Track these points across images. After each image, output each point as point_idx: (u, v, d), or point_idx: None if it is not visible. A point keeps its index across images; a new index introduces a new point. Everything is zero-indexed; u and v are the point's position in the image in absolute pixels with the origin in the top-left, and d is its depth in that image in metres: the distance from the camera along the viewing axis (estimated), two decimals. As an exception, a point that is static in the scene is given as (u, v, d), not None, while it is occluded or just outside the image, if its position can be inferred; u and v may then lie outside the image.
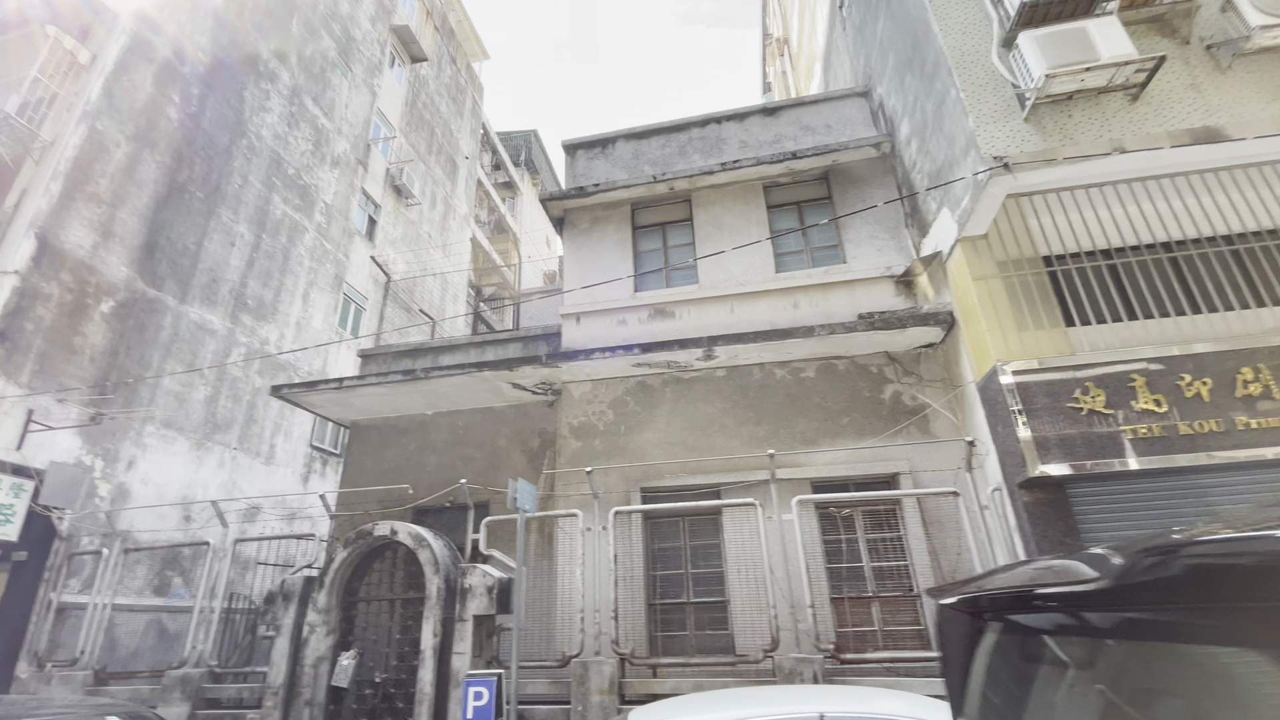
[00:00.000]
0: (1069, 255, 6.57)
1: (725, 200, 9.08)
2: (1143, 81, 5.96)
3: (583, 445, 8.12)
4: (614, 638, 6.42)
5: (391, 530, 7.11)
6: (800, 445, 7.44)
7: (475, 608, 6.57)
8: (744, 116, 9.68)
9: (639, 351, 7.66)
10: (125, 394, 9.30)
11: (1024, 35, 5.98)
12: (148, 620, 9.19)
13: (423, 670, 6.42)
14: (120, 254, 9.53)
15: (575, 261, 9.27)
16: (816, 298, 8.13)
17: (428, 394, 8.84)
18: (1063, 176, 6.19)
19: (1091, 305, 6.34)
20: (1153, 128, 5.97)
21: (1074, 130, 6.00)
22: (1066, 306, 6.39)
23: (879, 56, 8.80)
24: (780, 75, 19.40)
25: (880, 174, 8.73)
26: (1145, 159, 6.03)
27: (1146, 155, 5.96)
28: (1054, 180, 6.25)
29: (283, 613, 7.01)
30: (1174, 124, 5.84)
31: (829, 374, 7.79)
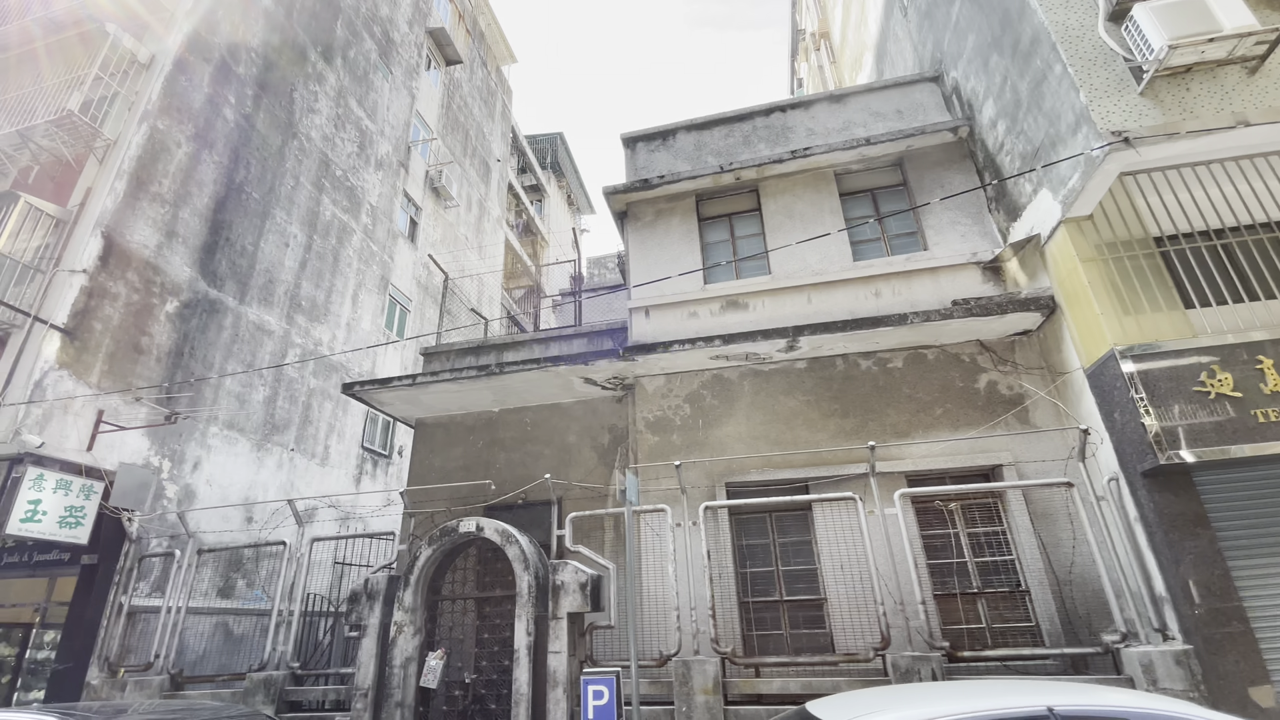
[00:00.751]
0: (1181, 235, 6.32)
1: (795, 189, 8.89)
2: (1263, 54, 5.71)
3: (660, 440, 7.93)
4: (713, 636, 6.21)
5: (477, 526, 6.94)
6: (892, 438, 7.20)
7: (569, 605, 6.38)
8: (810, 104, 9.49)
9: (720, 343, 7.46)
10: (191, 395, 9.23)
11: (1140, 7, 5.75)
12: (214, 623, 9.08)
13: (517, 670, 6.23)
14: (183, 254, 9.48)
15: (640, 255, 9.10)
16: (899, 286, 7.91)
17: (497, 390, 8.69)
18: (1176, 153, 5.95)
19: (1210, 286, 6.08)
20: (1274, 100, 5.72)
21: (1193, 104, 5.75)
22: (1182, 288, 6.13)
23: (954, 40, 8.58)
24: (816, 70, 19.20)
25: (958, 158, 8.50)
26: (1266, 133, 5.78)
27: (1269, 129, 5.72)
28: (1168, 157, 6.00)
29: (367, 612, 6.85)
30: (1305, 93, 5.59)
31: (918, 364, 7.55)
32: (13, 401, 7.21)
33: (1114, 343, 5.91)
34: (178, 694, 7.25)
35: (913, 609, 6.08)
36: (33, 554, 8.13)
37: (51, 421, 7.55)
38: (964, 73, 8.43)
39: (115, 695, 7.31)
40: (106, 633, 7.84)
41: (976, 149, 8.33)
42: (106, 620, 7.85)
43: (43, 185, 8.89)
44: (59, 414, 7.62)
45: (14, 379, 7.38)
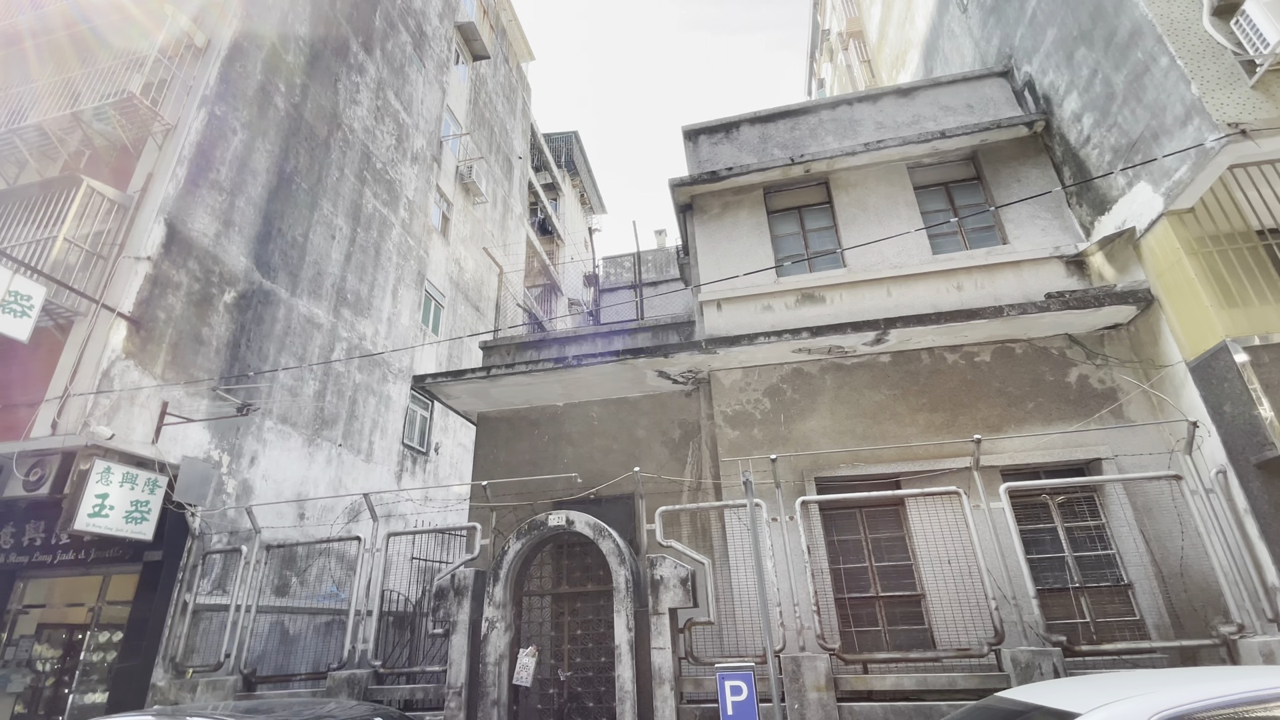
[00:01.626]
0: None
1: (868, 182, 8.83)
2: (1375, 45, 5.72)
3: (740, 435, 7.82)
4: (818, 633, 6.09)
5: (567, 520, 6.80)
6: (984, 432, 7.13)
7: (669, 600, 6.24)
8: (877, 98, 9.44)
9: (808, 335, 7.37)
10: (248, 387, 8.99)
11: (1252, 1, 5.74)
12: (270, 622, 8.84)
13: (620, 667, 6.08)
14: (240, 244, 9.25)
15: (708, 248, 9.00)
16: (981, 279, 7.86)
17: (567, 384, 8.54)
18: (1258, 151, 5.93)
19: (1320, 278, 6.06)
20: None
21: None
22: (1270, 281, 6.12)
23: (1028, 34, 8.57)
24: (843, 70, 19.23)
25: (1032, 153, 8.48)
26: (1376, 125, 5.78)
27: (1380, 121, 5.72)
28: (1273, 150, 5.99)
29: (456, 608, 6.68)
30: None
31: (1006, 358, 7.50)
32: (81, 391, 6.97)
33: (1225, 334, 5.88)
34: (251, 695, 7.03)
35: (1020, 604, 6.00)
36: (91, 551, 7.86)
37: (118, 413, 7.31)
38: (1040, 67, 8.41)
39: (185, 697, 7.07)
40: (171, 632, 7.59)
41: (1054, 143, 8.31)
42: (170, 619, 7.60)
43: (96, 170, 8.63)
44: (125, 405, 7.38)
45: (81, 369, 7.13)
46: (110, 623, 8.28)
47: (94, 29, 9.47)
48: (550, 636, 6.72)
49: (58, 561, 8.00)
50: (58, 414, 6.97)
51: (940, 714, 5.51)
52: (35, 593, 8.64)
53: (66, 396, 7.00)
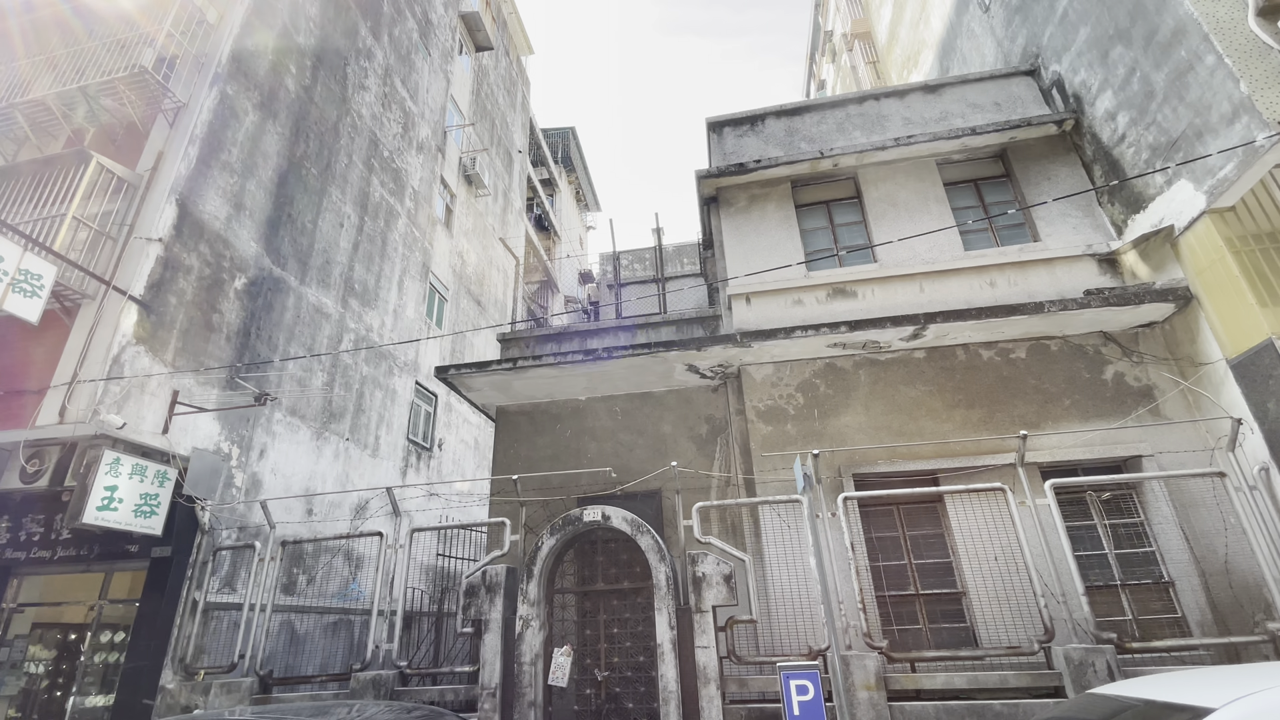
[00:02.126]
0: (1324, 227, 6.35)
1: (896, 177, 8.77)
2: None
3: (774, 430, 7.69)
4: (864, 630, 5.98)
5: (603, 515, 6.60)
6: (1022, 429, 7.08)
7: (713, 598, 6.08)
8: (904, 94, 9.40)
9: (846, 329, 7.27)
10: (258, 376, 8.65)
11: (1306, -5, 5.76)
12: (279, 622, 8.50)
13: (663, 667, 5.91)
14: (250, 228, 8.90)
15: (735, 241, 8.87)
16: (1014, 276, 7.83)
17: (593, 377, 8.35)
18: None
19: (1360, 277, 6.11)
20: None
21: None
22: (1332, 279, 6.15)
23: (1058, 33, 8.58)
24: (847, 71, 19.28)
25: (1062, 151, 8.50)
26: None
27: None
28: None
29: (488, 606, 6.45)
30: None
31: (1042, 355, 7.48)
32: (90, 378, 6.59)
33: (1271, 333, 5.89)
34: (269, 697, 6.72)
35: (1067, 601, 5.95)
36: (95, 546, 7.47)
37: (128, 401, 6.94)
38: (1070, 66, 8.42)
39: (196, 700, 6.73)
40: (180, 631, 7.24)
41: (1083, 141, 8.32)
42: (179, 618, 7.25)
43: (101, 148, 8.23)
44: (135, 394, 7.01)
45: (89, 354, 6.76)
46: (112, 622, 7.89)
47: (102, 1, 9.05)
48: (586, 635, 6.51)
49: (57, 558, 7.59)
50: (65, 401, 6.59)
51: (994, 713, 5.43)
52: (30, 590, 8.20)
53: (74, 383, 6.63)
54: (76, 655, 7.90)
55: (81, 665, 7.65)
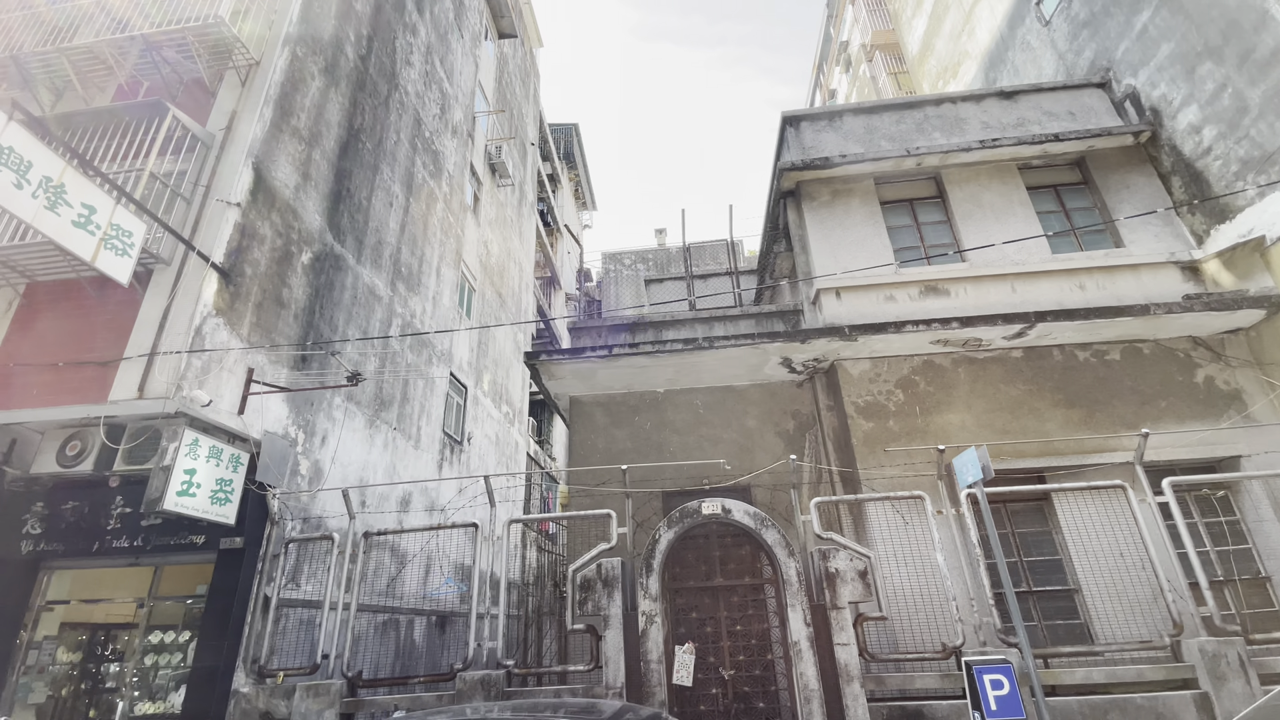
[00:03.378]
0: None
1: (980, 179, 8.88)
2: None
3: (875, 426, 7.62)
4: (997, 627, 5.94)
5: (723, 509, 6.39)
6: (1121, 429, 7.22)
7: (848, 594, 5.94)
8: (980, 98, 9.54)
9: (956, 325, 7.27)
10: (321, 358, 8.09)
11: None
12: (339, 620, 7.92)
13: (802, 665, 5.72)
14: (315, 201, 8.32)
15: (821, 235, 8.80)
16: (1101, 280, 7.99)
17: (682, 368, 8.13)
18: None
19: None
20: None
21: None
22: None
23: (1136, 49, 8.84)
24: (865, 80, 19.60)
25: (1137, 161, 8.75)
26: None
27: None
28: None
29: (606, 602, 6.14)
30: None
31: (1135, 357, 7.64)
32: (175, 349, 5.98)
33: (1380, 338, 6.14)
34: (359, 700, 6.22)
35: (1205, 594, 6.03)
36: (146, 538, 6.81)
37: (208, 377, 6.34)
38: (1149, 80, 8.69)
39: (277, 704, 6.18)
40: (252, 630, 6.65)
41: (1160, 153, 8.58)
42: (251, 615, 6.66)
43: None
44: (214, 370, 6.41)
45: (170, 323, 6.13)
46: (163, 621, 7.21)
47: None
48: (706, 633, 6.26)
49: (99, 550, 6.89)
50: (145, 375, 5.96)
51: (1136, 706, 5.44)
52: (59, 586, 7.43)
53: (155, 354, 6.01)
54: (114, 658, 7.19)
55: (128, 669, 6.95)
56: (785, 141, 9.72)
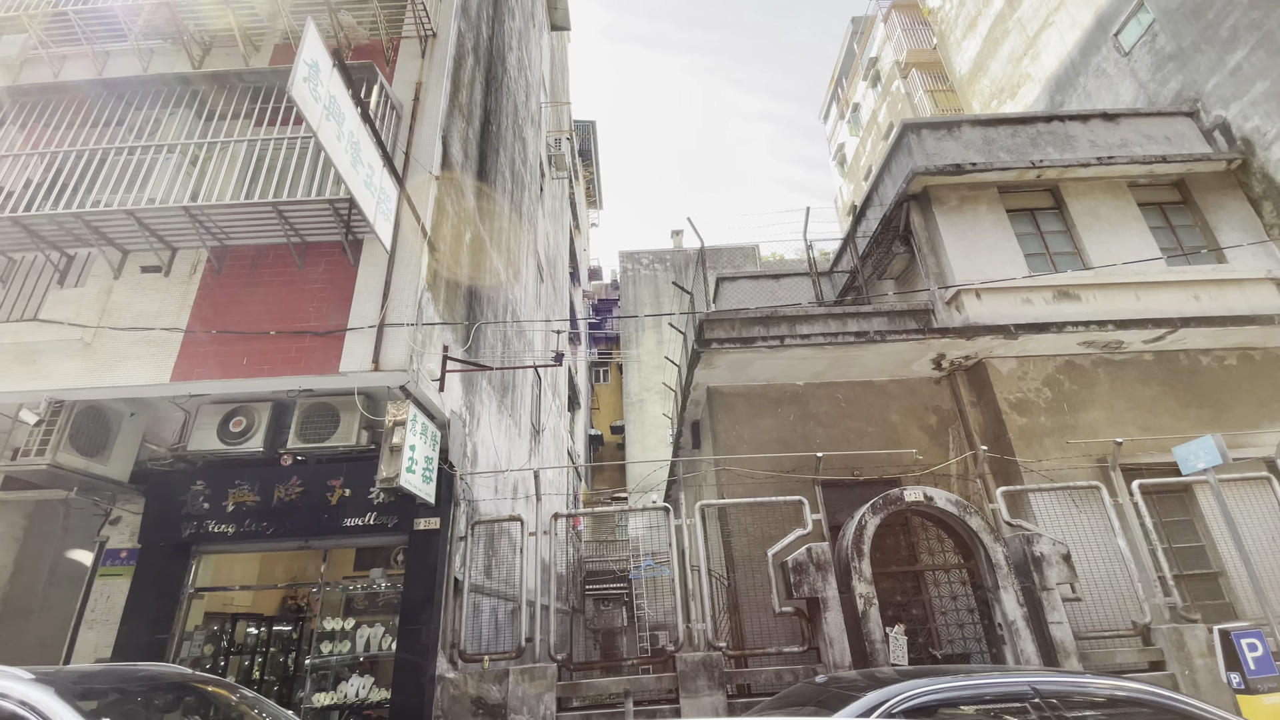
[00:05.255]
0: None
1: (1095, 193, 9.49)
2: None
3: (1028, 421, 8.04)
4: (1179, 605, 6.42)
5: (925, 496, 6.64)
6: (1245, 429, 7.87)
7: (1055, 576, 6.28)
8: (1086, 119, 10.17)
9: (1113, 328, 7.78)
10: (476, 339, 7.89)
11: None
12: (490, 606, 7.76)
13: (1020, 643, 6.02)
14: (470, 180, 8.12)
15: (955, 238, 9.19)
16: (1213, 291, 8.68)
17: (837, 362, 8.37)
18: None
19: None
20: None
21: None
22: None
23: (1229, 84, 9.63)
24: (899, 96, 20.39)
25: (1229, 186, 9.54)
26: None
27: None
28: None
29: (822, 584, 6.29)
30: None
31: (1249, 363, 8.35)
32: (403, 321, 5.73)
33: None
34: (574, 684, 6.15)
35: (1340, 578, 6.67)
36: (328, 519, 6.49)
37: (426, 352, 6.11)
38: (1241, 113, 9.49)
39: (488, 689, 6.03)
40: (448, 614, 6.45)
41: (1251, 179, 9.39)
42: (446, 599, 6.46)
43: (326, 70, 7.22)
44: (426, 345, 6.19)
45: (394, 294, 5.87)
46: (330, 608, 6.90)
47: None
48: (913, 615, 6.49)
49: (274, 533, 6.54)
50: (376, 347, 5.70)
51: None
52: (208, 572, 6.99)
53: (383, 326, 5.76)
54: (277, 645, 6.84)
55: (311, 663, 6.60)
56: (906, 147, 10.08)
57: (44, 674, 3.40)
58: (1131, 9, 11.27)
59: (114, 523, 6.89)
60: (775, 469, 8.18)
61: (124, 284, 6.16)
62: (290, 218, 5.89)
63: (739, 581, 7.31)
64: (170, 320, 5.95)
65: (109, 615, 6.51)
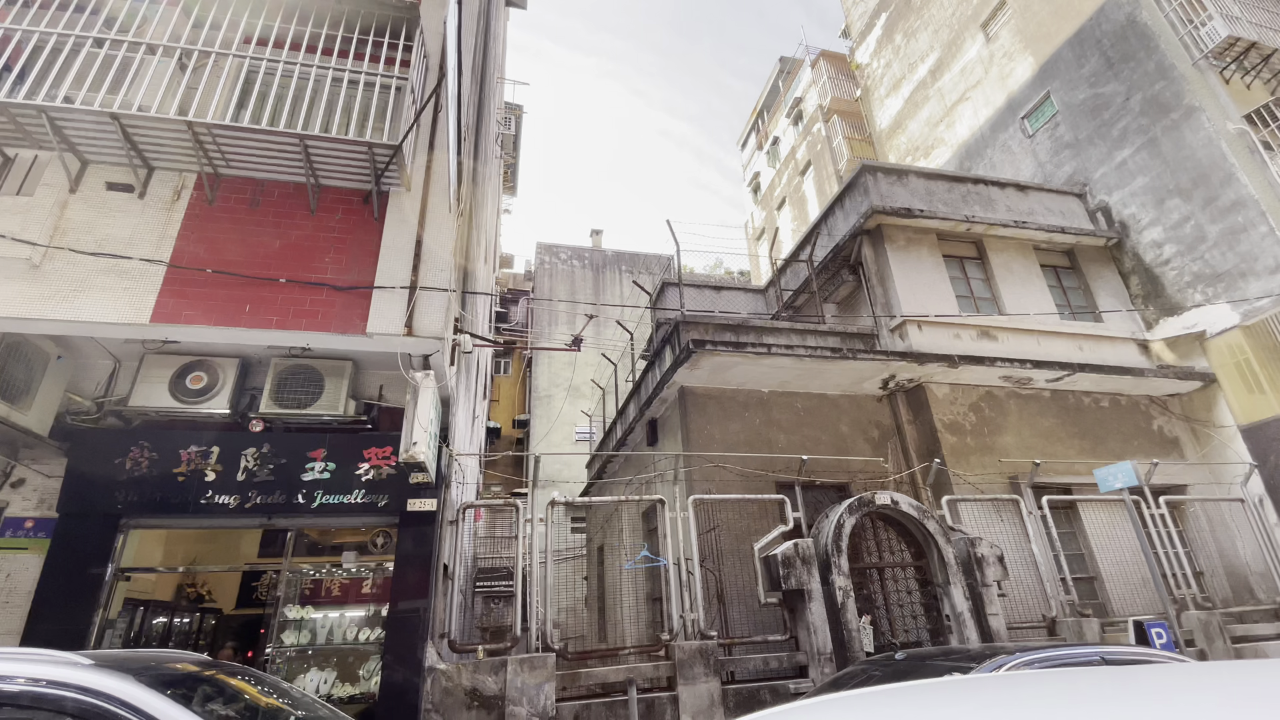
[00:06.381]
0: (1285, 349, 9.94)
1: (1009, 250, 11.04)
2: (1346, 251, 9.55)
3: (957, 440, 9.16)
4: (1075, 602, 7.69)
5: (892, 500, 7.37)
6: (1112, 460, 9.56)
7: (993, 575, 7.24)
8: (1003, 186, 11.79)
9: (1031, 366, 9.10)
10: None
11: (1323, 205, 9.17)
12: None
13: (965, 631, 6.89)
14: (469, 144, 7.72)
15: (903, 274, 10.24)
16: (1093, 345, 10.47)
17: (802, 373, 8.95)
18: (1304, 298, 9.48)
19: (1306, 384, 9.72)
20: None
21: None
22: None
23: (1114, 175, 11.68)
24: (818, 138, 22.09)
25: (1106, 260, 11.58)
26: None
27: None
28: (1298, 299, 9.50)
29: (807, 577, 6.76)
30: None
31: (1117, 406, 10.15)
32: (438, 285, 5.26)
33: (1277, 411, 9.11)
34: (576, 673, 6.08)
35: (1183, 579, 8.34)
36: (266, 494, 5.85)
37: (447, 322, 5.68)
38: (1121, 201, 11.55)
39: (484, 680, 5.77)
40: (435, 603, 6.05)
41: (1123, 256, 11.47)
42: (435, 586, 6.06)
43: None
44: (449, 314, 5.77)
45: (427, 255, 5.36)
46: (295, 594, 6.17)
47: None
48: (877, 607, 7.13)
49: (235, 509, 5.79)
50: (409, 309, 5.21)
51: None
52: (145, 550, 5.99)
53: (416, 289, 5.28)
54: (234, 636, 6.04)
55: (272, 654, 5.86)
56: (863, 187, 11.04)
57: (107, 659, 2.86)
58: (1039, 99, 13.25)
59: (16, 486, 5.69)
60: (745, 469, 8.60)
61: (83, 200, 5.16)
62: (316, 155, 5.30)
63: (722, 573, 7.60)
64: (148, 250, 5.09)
65: (7, 598, 5.37)
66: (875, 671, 4.26)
